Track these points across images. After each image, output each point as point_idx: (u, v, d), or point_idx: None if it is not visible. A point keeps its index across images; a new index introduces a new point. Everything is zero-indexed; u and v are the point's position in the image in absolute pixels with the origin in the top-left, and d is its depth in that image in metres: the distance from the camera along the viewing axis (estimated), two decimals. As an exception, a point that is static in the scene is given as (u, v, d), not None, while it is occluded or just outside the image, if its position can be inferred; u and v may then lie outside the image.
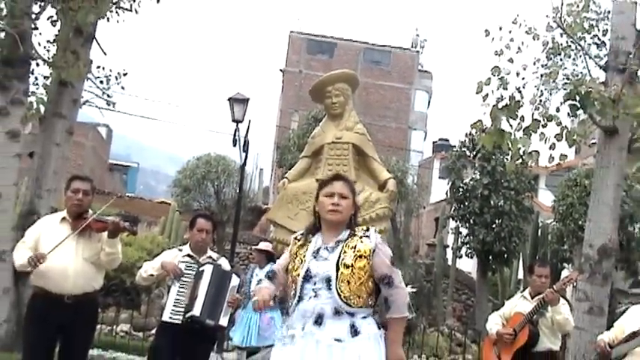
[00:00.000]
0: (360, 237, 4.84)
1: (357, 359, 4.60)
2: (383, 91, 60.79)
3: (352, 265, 4.72)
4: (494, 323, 8.46)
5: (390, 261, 4.86)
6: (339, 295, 4.68)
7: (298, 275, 4.77)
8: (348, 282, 4.69)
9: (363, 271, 4.72)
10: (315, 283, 4.73)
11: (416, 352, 17.97)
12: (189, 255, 7.57)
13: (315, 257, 4.81)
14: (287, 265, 4.97)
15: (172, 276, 7.37)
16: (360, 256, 4.75)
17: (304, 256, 4.84)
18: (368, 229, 4.92)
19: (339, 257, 4.75)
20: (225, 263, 7.75)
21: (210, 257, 7.62)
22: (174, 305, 7.33)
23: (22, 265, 6.75)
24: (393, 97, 62.32)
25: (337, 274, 4.70)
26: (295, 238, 5.01)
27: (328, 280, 4.70)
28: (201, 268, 7.39)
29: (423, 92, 66.06)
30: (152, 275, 7.57)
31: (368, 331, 4.71)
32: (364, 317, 4.75)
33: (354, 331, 4.67)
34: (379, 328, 4.79)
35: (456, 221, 24.67)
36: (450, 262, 26.79)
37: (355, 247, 4.78)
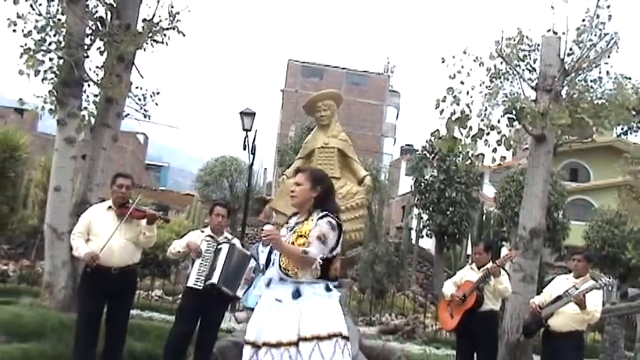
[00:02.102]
0: (312, 220, 4.67)
1: (297, 317, 4.42)
2: (361, 107, 60.75)
3: (292, 243, 4.60)
4: (449, 288, 8.48)
5: (319, 235, 4.55)
6: (280, 265, 4.57)
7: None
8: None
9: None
10: (275, 254, 4.65)
11: (387, 311, 18.02)
12: (209, 235, 7.59)
13: (286, 234, 4.74)
14: None
15: (194, 253, 7.40)
16: (300, 236, 4.61)
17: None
18: (323, 215, 4.67)
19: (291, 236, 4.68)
20: (237, 242, 7.76)
21: (226, 237, 7.64)
22: (197, 274, 7.35)
23: (79, 257, 6.96)
24: (369, 111, 62.35)
25: None
26: (286, 221, 4.98)
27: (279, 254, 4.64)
28: (219, 246, 7.42)
29: (392, 108, 66.15)
30: (179, 252, 7.60)
31: (309, 294, 4.51)
32: (310, 284, 4.53)
33: (297, 295, 4.49)
34: (328, 290, 4.59)
35: (419, 209, 24.78)
36: (413, 241, 26.84)
37: (300, 229, 4.67)
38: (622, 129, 18.75)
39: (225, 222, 7.79)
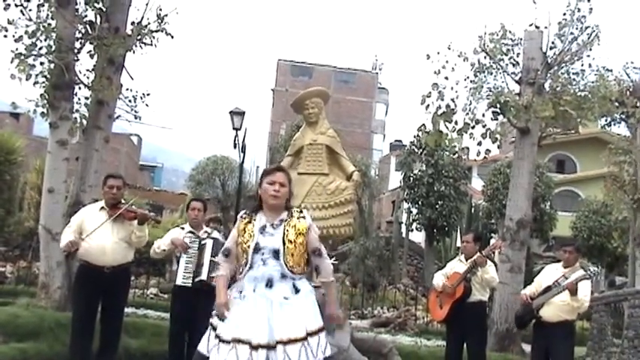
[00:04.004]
0: (298, 217, 4.74)
1: (298, 313, 4.54)
2: (350, 104, 60.72)
3: (294, 241, 4.64)
4: (439, 279, 8.47)
5: (318, 237, 4.84)
6: (286, 264, 4.61)
7: (249, 247, 4.65)
8: (292, 254, 4.62)
9: (302, 246, 4.67)
10: (263, 254, 4.61)
11: (379, 304, 18.05)
12: (190, 231, 7.62)
13: (262, 233, 4.67)
14: (236, 240, 4.82)
15: (180, 249, 7.41)
16: (300, 234, 4.67)
17: (252, 231, 4.70)
18: (302, 212, 4.83)
19: (284, 234, 4.65)
20: (217, 235, 7.76)
21: (206, 232, 7.70)
22: (184, 272, 7.39)
23: (62, 248, 6.91)
24: (359, 108, 62.32)
25: (284, 248, 4.62)
26: (241, 217, 4.84)
27: (276, 252, 4.60)
28: (202, 242, 7.49)
29: (381, 104, 66.18)
30: (164, 250, 7.65)
31: (305, 289, 4.65)
32: (301, 280, 4.68)
33: (296, 290, 4.60)
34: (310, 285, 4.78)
35: (408, 203, 24.79)
36: (404, 235, 26.84)
37: (295, 226, 4.68)
38: (606, 120, 18.86)
39: (202, 216, 7.82)
